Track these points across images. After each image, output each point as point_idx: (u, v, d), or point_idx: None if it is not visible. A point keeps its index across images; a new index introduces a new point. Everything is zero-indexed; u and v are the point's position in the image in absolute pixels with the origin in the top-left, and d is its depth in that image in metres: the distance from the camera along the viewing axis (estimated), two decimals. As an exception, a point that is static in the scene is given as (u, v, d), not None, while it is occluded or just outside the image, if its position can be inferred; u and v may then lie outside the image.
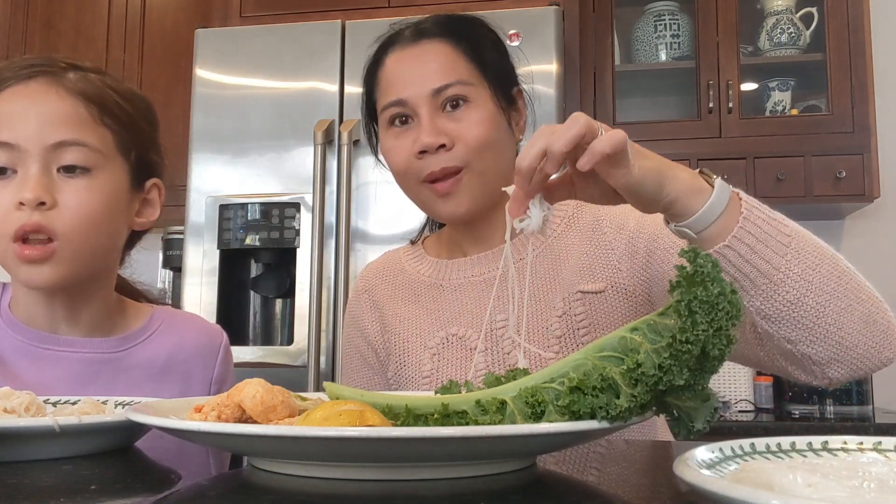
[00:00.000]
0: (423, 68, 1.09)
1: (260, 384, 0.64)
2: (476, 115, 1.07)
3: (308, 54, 2.46)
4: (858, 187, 2.58)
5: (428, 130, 1.05)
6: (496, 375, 0.72)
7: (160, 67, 2.99)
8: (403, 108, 1.08)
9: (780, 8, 2.75)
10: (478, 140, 1.06)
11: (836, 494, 0.42)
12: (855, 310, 0.84)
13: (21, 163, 0.93)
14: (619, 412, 0.56)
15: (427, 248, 1.25)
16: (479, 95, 1.09)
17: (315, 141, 2.35)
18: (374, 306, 1.22)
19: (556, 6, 2.40)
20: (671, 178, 0.79)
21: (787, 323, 0.83)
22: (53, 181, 0.94)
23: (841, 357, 0.85)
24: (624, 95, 2.82)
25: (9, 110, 0.94)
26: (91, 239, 0.96)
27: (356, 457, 0.55)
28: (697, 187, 0.80)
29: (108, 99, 0.99)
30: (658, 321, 0.58)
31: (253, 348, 2.44)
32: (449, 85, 1.07)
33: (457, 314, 1.13)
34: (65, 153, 0.94)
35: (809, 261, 0.83)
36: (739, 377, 2.67)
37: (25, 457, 0.68)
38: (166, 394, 1.01)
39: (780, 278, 0.81)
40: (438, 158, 1.05)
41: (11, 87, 0.95)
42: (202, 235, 2.44)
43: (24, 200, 0.91)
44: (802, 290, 0.82)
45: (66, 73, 0.98)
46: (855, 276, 0.87)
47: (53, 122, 0.94)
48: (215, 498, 0.56)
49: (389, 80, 1.12)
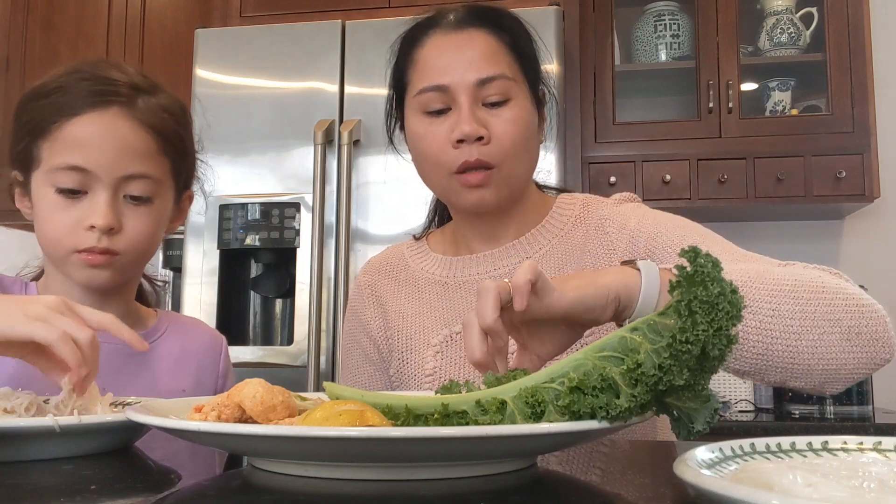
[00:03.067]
0: (467, 56, 1.06)
1: (260, 384, 0.64)
2: (514, 114, 1.06)
3: (308, 54, 2.46)
4: (858, 187, 2.58)
5: (469, 119, 1.03)
6: (496, 375, 0.72)
7: (160, 67, 2.99)
8: (443, 94, 1.06)
9: (780, 8, 2.75)
10: (513, 141, 1.05)
11: (836, 494, 0.42)
12: (833, 332, 0.83)
13: (91, 186, 1.02)
14: (619, 412, 0.56)
15: (431, 244, 1.23)
16: (519, 92, 1.08)
17: (315, 141, 2.35)
18: (377, 302, 1.21)
19: (556, 6, 2.40)
20: (603, 279, 0.77)
21: (763, 372, 0.83)
22: (120, 207, 1.04)
23: (831, 378, 0.84)
24: (624, 95, 2.82)
25: (84, 136, 1.02)
26: (143, 254, 1.09)
27: (356, 457, 0.55)
28: (628, 278, 0.78)
29: (170, 129, 1.09)
30: (658, 321, 0.58)
31: (253, 348, 2.44)
32: (494, 77, 1.05)
33: (461, 312, 1.12)
34: (133, 184, 1.04)
35: (766, 307, 0.82)
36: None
37: (25, 457, 0.68)
38: (185, 383, 1.14)
39: (742, 338, 0.79)
40: (473, 149, 1.04)
41: (88, 114, 1.03)
42: (202, 235, 2.44)
43: (96, 225, 1.01)
44: (767, 340, 0.81)
45: (135, 101, 1.06)
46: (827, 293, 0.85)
47: (127, 153, 1.03)
48: (215, 498, 0.56)
49: (430, 63, 1.08)
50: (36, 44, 3.09)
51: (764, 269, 0.87)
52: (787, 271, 0.87)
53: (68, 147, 1.02)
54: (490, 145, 1.04)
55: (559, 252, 1.11)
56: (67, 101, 1.03)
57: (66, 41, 3.08)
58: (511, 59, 1.08)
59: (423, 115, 1.08)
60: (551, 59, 2.29)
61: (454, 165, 1.05)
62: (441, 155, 1.06)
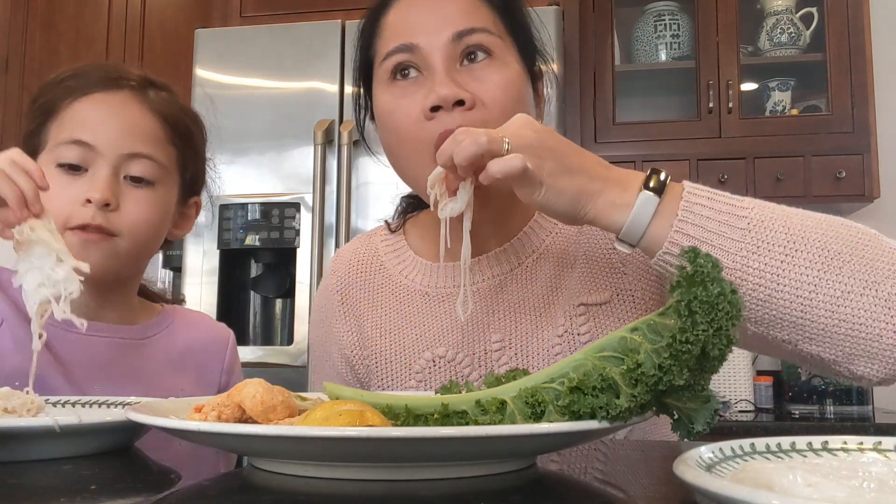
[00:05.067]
0: (441, 12, 0.90)
1: (260, 384, 0.64)
2: (501, 76, 0.90)
3: (308, 54, 2.46)
4: (858, 187, 2.59)
5: (444, 81, 0.87)
6: (496, 375, 0.72)
7: (160, 67, 2.97)
8: (412, 55, 0.90)
9: (780, 8, 2.75)
10: (502, 104, 0.88)
11: (836, 494, 0.42)
12: (865, 294, 0.72)
13: (93, 163, 1.01)
14: (619, 412, 0.56)
15: (409, 239, 1.07)
16: (506, 52, 0.92)
17: (315, 141, 2.35)
18: (350, 313, 1.06)
19: (556, 6, 2.40)
20: (592, 197, 0.75)
21: (770, 324, 0.75)
22: (120, 186, 1.02)
23: (860, 351, 0.73)
24: (624, 95, 2.82)
25: (91, 114, 1.02)
26: (141, 244, 1.05)
27: (356, 457, 0.55)
28: (620, 203, 0.75)
29: (180, 121, 1.08)
30: (658, 321, 0.58)
31: (253, 348, 2.44)
32: (473, 30, 0.89)
33: (445, 330, 0.98)
34: (135, 164, 1.02)
35: (779, 251, 0.73)
36: (739, 377, 2.67)
37: (25, 457, 0.68)
38: (185, 380, 1.11)
39: (739, 276, 0.73)
40: (454, 117, 0.86)
41: (98, 94, 1.03)
42: (202, 235, 2.44)
43: (91, 199, 0.98)
44: (771, 286, 0.73)
45: (147, 90, 1.06)
46: (868, 250, 0.75)
47: (132, 133, 1.02)
48: (215, 498, 0.56)
49: (397, 25, 0.92)
50: (36, 44, 3.09)
51: (795, 214, 0.77)
52: (828, 220, 0.77)
53: (74, 123, 1.02)
54: (474, 111, 0.87)
55: (553, 256, 0.98)
56: (80, 83, 1.04)
57: (66, 41, 3.08)
58: (496, 15, 0.93)
59: (390, 84, 0.92)
60: (551, 60, 2.29)
61: (432, 138, 0.87)
62: (415, 129, 0.89)
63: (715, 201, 0.76)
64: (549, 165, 0.74)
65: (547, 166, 0.74)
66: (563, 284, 0.96)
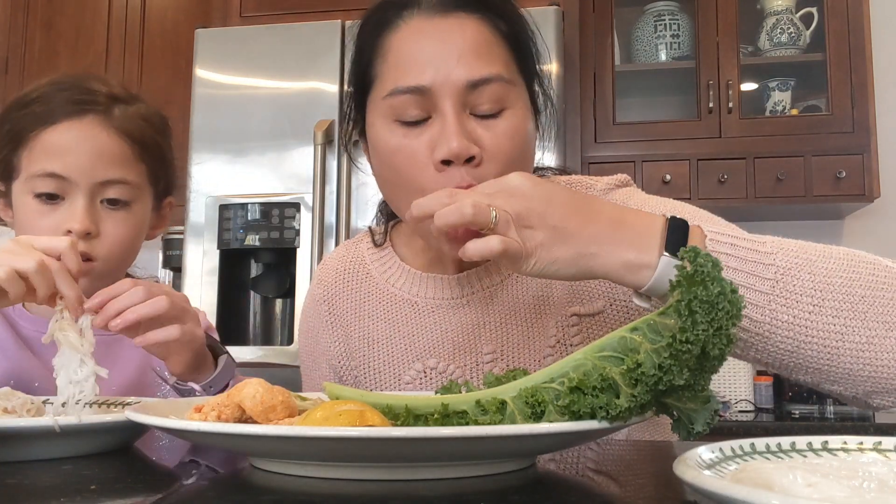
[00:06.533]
0: (453, 48, 0.85)
1: (260, 384, 0.64)
2: (509, 124, 0.86)
3: (308, 54, 2.46)
4: (858, 187, 2.59)
5: (457, 133, 0.83)
6: (496, 375, 0.72)
7: (160, 67, 2.99)
8: (422, 97, 0.85)
9: (780, 8, 2.75)
10: (508, 155, 0.85)
11: (836, 494, 0.42)
12: (888, 337, 0.72)
13: (69, 192, 1.03)
14: (619, 412, 0.56)
15: (397, 246, 1.04)
16: (517, 99, 0.88)
17: (315, 141, 2.35)
18: (337, 323, 1.04)
19: (556, 6, 2.40)
20: (594, 258, 0.71)
21: (795, 370, 0.74)
22: (97, 212, 1.05)
23: (880, 388, 0.73)
24: (624, 95, 2.82)
25: (60, 144, 1.04)
26: (123, 261, 1.10)
27: (356, 457, 0.55)
28: (639, 264, 0.71)
29: (147, 136, 1.10)
30: (658, 321, 0.58)
31: (253, 348, 2.44)
32: (489, 80, 0.85)
33: (436, 342, 0.96)
34: (110, 189, 1.05)
35: (807, 301, 0.72)
36: (739, 377, 2.68)
37: (25, 457, 0.68)
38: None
39: (768, 329, 0.72)
40: (463, 174, 0.83)
41: (65, 122, 1.04)
42: (202, 235, 2.44)
43: (72, 230, 1.01)
44: (800, 338, 0.72)
45: (112, 109, 1.07)
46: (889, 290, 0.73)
47: (102, 159, 1.04)
48: (215, 498, 0.56)
49: (405, 53, 0.87)
50: (36, 44, 3.09)
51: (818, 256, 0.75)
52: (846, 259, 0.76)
53: (45, 154, 1.03)
54: (482, 167, 0.84)
55: None
56: (46, 110, 1.05)
57: (66, 41, 3.07)
58: (508, 54, 0.89)
59: (394, 123, 0.87)
60: (551, 60, 2.29)
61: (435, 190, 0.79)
62: (419, 176, 0.85)
63: (738, 248, 0.74)
64: (539, 236, 0.70)
65: (537, 237, 0.70)
66: (555, 294, 0.94)
